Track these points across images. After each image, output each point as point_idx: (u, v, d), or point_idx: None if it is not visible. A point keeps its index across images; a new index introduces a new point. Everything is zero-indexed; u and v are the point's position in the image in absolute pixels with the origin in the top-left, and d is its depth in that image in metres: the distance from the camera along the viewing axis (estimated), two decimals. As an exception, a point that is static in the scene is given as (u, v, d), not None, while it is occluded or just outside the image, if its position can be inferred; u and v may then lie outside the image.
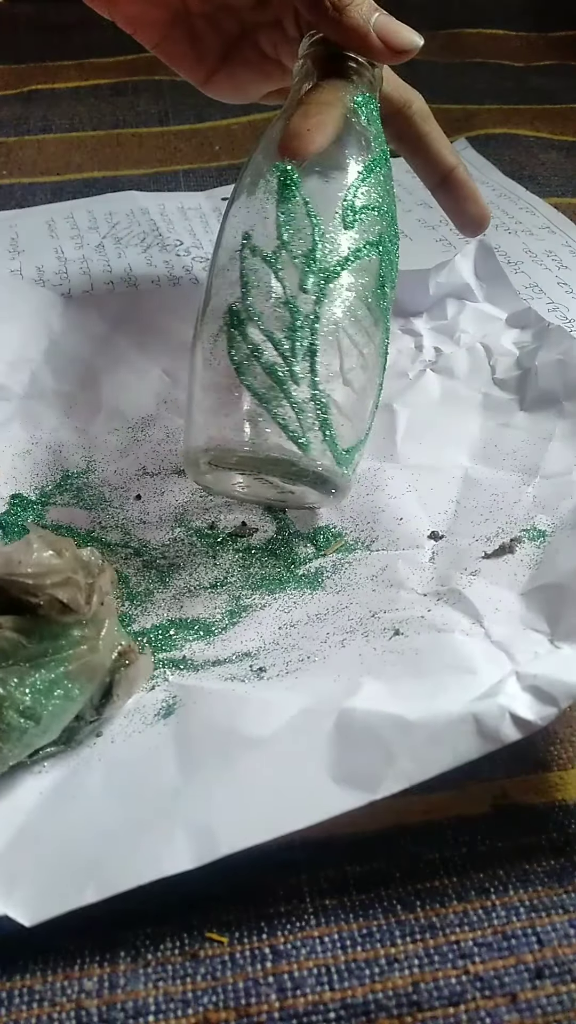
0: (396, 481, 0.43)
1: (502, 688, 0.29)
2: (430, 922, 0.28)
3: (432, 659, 0.32)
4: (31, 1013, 0.26)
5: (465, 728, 0.28)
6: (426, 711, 0.29)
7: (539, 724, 0.28)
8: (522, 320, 0.51)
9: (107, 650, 0.31)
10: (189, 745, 0.30)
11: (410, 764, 0.28)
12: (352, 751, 0.29)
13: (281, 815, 0.27)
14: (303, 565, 0.39)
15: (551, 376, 0.46)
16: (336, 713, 0.30)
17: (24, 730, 0.29)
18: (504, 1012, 0.26)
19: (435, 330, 0.52)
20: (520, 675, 0.30)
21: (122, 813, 0.28)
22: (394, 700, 0.30)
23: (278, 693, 0.32)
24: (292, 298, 0.36)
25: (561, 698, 0.29)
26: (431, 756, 0.28)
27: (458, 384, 0.49)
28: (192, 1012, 0.26)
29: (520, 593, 0.36)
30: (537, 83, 0.90)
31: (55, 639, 0.30)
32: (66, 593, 0.30)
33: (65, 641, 0.30)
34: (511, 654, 0.32)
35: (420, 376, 0.49)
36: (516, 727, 0.28)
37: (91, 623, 0.31)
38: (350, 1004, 0.26)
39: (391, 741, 0.29)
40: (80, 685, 0.30)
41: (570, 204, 0.70)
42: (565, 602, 0.34)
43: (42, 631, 0.30)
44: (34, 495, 0.43)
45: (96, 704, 0.31)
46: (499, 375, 0.48)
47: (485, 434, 0.45)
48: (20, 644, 0.29)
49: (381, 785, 0.28)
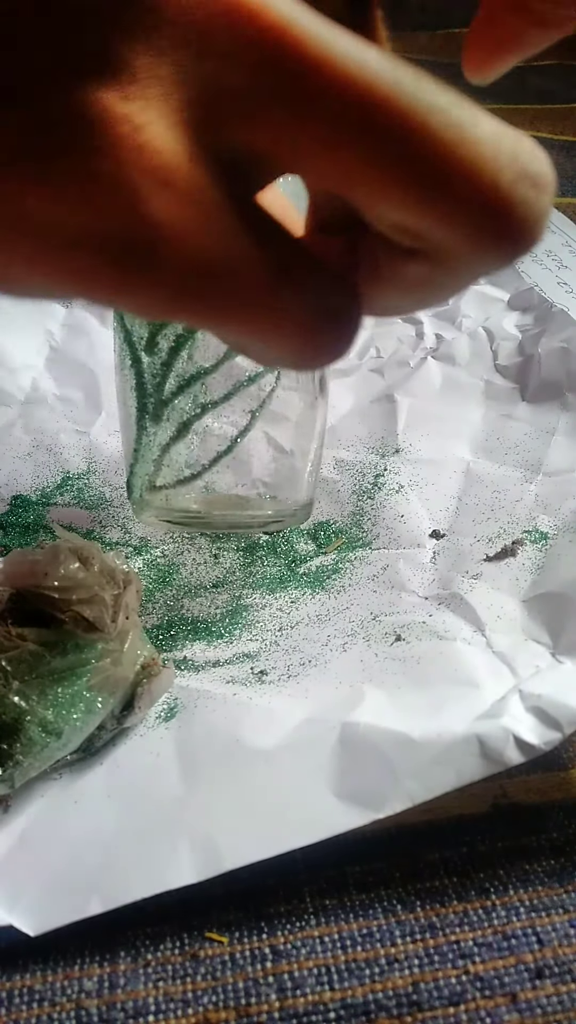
0: (398, 476, 0.43)
1: (505, 708, 0.29)
2: (430, 922, 0.28)
3: (434, 669, 0.32)
4: (31, 1013, 0.26)
5: (469, 749, 0.28)
6: (430, 729, 0.29)
7: (543, 749, 0.29)
8: (524, 301, 0.51)
9: (130, 663, 0.31)
10: (191, 753, 0.30)
11: (414, 784, 0.28)
12: (356, 768, 0.29)
13: (285, 831, 0.27)
14: (304, 563, 0.39)
15: (554, 365, 0.46)
16: (339, 727, 0.30)
17: (46, 744, 0.28)
18: (504, 1012, 0.26)
19: (436, 316, 0.52)
20: (523, 694, 0.30)
21: (125, 821, 0.28)
22: (397, 715, 0.30)
23: (280, 701, 0.32)
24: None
25: (565, 723, 0.29)
26: (435, 777, 0.28)
27: (460, 371, 0.48)
28: (192, 1012, 0.26)
29: (522, 600, 0.36)
30: (537, 83, 0.90)
31: (79, 652, 0.29)
32: (92, 611, 0.30)
33: (88, 655, 0.30)
34: (513, 667, 0.32)
35: (421, 364, 0.49)
36: (520, 751, 0.28)
37: (116, 637, 0.30)
38: (350, 1004, 0.26)
39: (395, 760, 0.29)
40: (102, 698, 0.30)
41: (570, 204, 0.70)
42: (567, 613, 0.34)
43: (65, 644, 0.29)
44: (35, 496, 0.43)
45: (117, 715, 0.31)
46: (501, 361, 0.48)
47: (487, 425, 0.45)
48: (43, 657, 0.29)
49: (385, 804, 0.28)
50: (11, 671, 0.28)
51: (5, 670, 0.28)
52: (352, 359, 0.51)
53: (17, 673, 0.28)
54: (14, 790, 0.29)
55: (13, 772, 0.28)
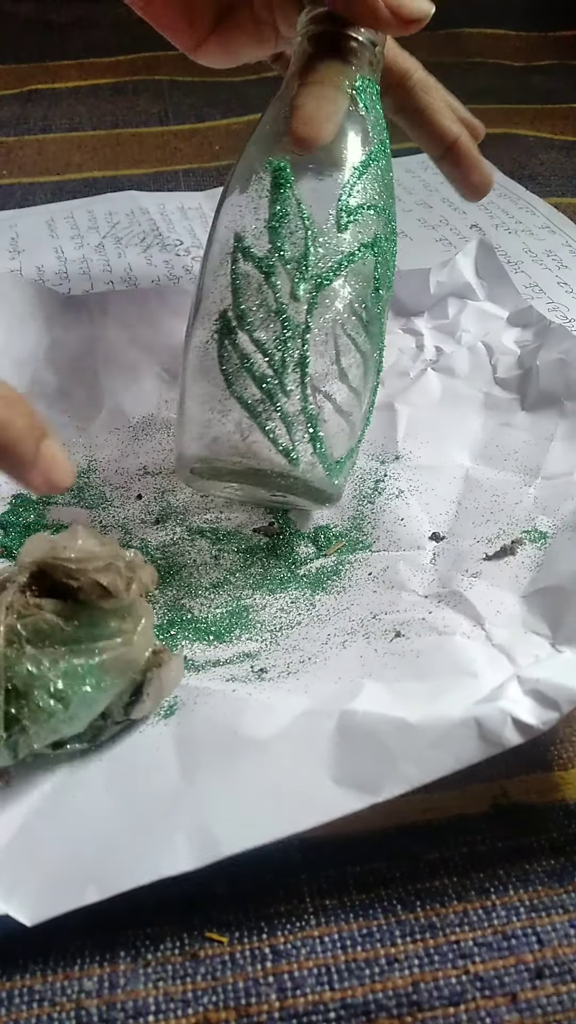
0: (397, 481, 0.43)
1: (503, 692, 0.29)
2: (430, 922, 0.28)
3: (433, 662, 0.33)
4: (31, 1013, 0.26)
5: (467, 732, 0.28)
6: (428, 714, 0.29)
7: (541, 728, 0.28)
8: (523, 319, 0.51)
9: (141, 647, 0.31)
10: (190, 747, 0.30)
11: (412, 768, 0.28)
12: (354, 753, 0.29)
13: (282, 817, 0.27)
14: (304, 565, 0.39)
15: (552, 376, 0.46)
16: (337, 715, 0.30)
17: (52, 713, 0.29)
18: (504, 1012, 0.26)
19: (436, 329, 0.52)
20: (521, 679, 0.30)
21: (123, 813, 0.28)
22: (395, 702, 0.30)
23: (279, 695, 0.32)
24: (283, 306, 0.35)
25: (563, 703, 0.29)
26: (433, 760, 0.28)
27: (459, 383, 0.49)
28: (192, 1012, 0.26)
29: (521, 595, 0.36)
30: (537, 83, 0.90)
31: (93, 626, 0.30)
32: (106, 577, 0.30)
33: (102, 630, 0.30)
34: (512, 657, 0.32)
35: (421, 375, 0.49)
36: (518, 731, 0.28)
37: (129, 616, 0.31)
38: (350, 1004, 0.26)
39: (393, 744, 0.29)
40: (112, 678, 0.30)
41: (570, 204, 0.70)
42: (566, 605, 0.34)
43: (80, 617, 0.30)
44: (35, 495, 0.43)
45: (125, 703, 0.31)
46: (500, 374, 0.48)
47: (486, 434, 0.45)
48: (59, 627, 0.30)
49: (383, 788, 0.28)
50: (26, 636, 0.29)
51: (20, 634, 0.29)
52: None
53: (32, 639, 0.29)
54: (16, 761, 0.29)
55: (18, 739, 0.28)
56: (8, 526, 0.41)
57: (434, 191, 0.70)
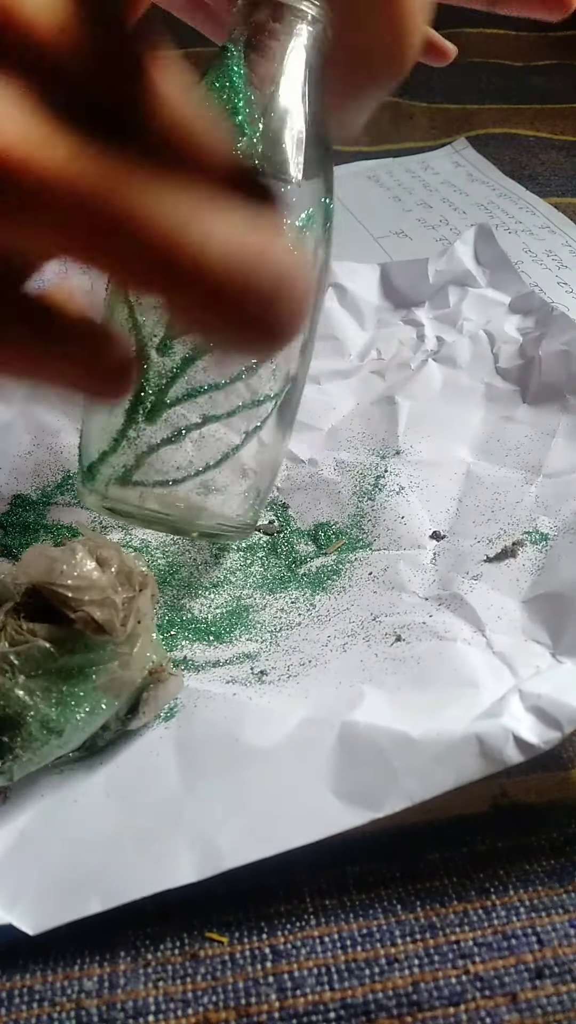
0: (398, 477, 0.43)
1: (505, 707, 0.29)
2: (430, 922, 0.28)
3: (434, 670, 0.32)
4: (31, 1013, 0.26)
5: (469, 749, 0.28)
6: (429, 728, 0.29)
7: (542, 748, 0.29)
8: (526, 304, 0.51)
9: (138, 667, 0.31)
10: (190, 752, 0.30)
11: (414, 783, 0.28)
12: (355, 767, 0.29)
13: (285, 831, 0.28)
14: (304, 564, 0.39)
15: (555, 368, 0.46)
16: (339, 726, 0.30)
17: (46, 742, 0.28)
18: (504, 1012, 0.26)
19: (437, 319, 0.52)
20: (523, 693, 0.30)
21: (125, 820, 0.28)
22: (397, 714, 0.30)
23: (280, 701, 0.32)
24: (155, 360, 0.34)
25: (565, 722, 0.29)
26: (435, 776, 0.28)
27: (461, 374, 0.48)
28: (192, 1012, 0.26)
29: (522, 600, 0.36)
30: (537, 83, 0.90)
31: (87, 652, 0.29)
32: (103, 614, 0.29)
33: (97, 655, 0.29)
34: (513, 667, 0.32)
35: (422, 367, 0.49)
36: (519, 750, 0.28)
37: (125, 641, 0.30)
38: (350, 1004, 0.26)
39: (395, 759, 0.29)
40: (107, 700, 0.30)
41: (570, 204, 0.70)
42: (567, 614, 0.34)
43: (75, 643, 0.29)
44: (36, 495, 0.43)
45: (122, 717, 0.31)
46: (502, 364, 0.48)
47: (488, 427, 0.45)
48: (51, 654, 0.29)
49: (385, 804, 0.28)
50: (18, 665, 0.29)
51: (12, 664, 0.29)
52: (353, 360, 0.51)
53: (24, 667, 0.29)
54: (13, 783, 0.29)
55: (12, 765, 0.28)
56: (8, 526, 0.41)
57: (434, 191, 0.70)
